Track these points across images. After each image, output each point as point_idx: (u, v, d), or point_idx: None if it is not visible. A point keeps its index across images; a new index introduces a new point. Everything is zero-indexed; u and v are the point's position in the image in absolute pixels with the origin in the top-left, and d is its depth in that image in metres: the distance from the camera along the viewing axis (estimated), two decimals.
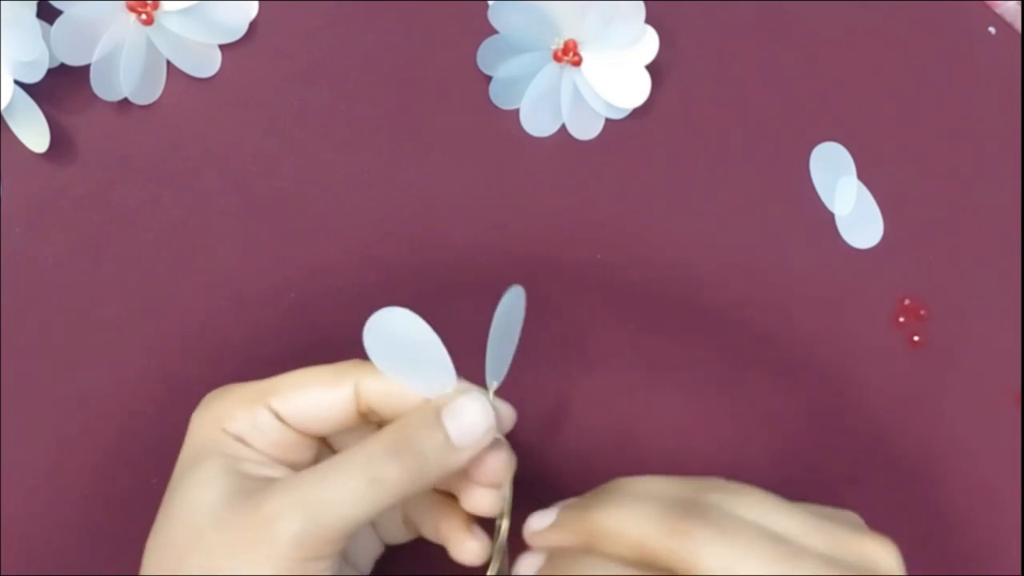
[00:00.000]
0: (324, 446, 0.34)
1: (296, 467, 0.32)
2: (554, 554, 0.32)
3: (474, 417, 0.31)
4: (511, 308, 0.32)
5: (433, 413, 0.31)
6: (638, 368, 0.40)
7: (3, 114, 0.35)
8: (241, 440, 0.31)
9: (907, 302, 0.41)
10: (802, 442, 0.40)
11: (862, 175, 0.41)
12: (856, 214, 0.41)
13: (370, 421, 0.33)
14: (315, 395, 0.32)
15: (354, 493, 0.29)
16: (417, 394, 0.31)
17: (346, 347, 0.38)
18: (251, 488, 0.30)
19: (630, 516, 0.29)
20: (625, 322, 0.40)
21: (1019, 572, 0.41)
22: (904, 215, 0.41)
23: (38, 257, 0.37)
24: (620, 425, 0.39)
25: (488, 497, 0.33)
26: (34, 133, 0.36)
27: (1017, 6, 0.42)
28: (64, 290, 0.37)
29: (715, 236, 0.40)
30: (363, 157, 0.39)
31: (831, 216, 0.41)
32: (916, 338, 0.41)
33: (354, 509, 0.29)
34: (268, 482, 0.30)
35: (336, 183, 0.39)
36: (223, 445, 0.31)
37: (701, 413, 0.40)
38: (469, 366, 0.32)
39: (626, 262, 0.40)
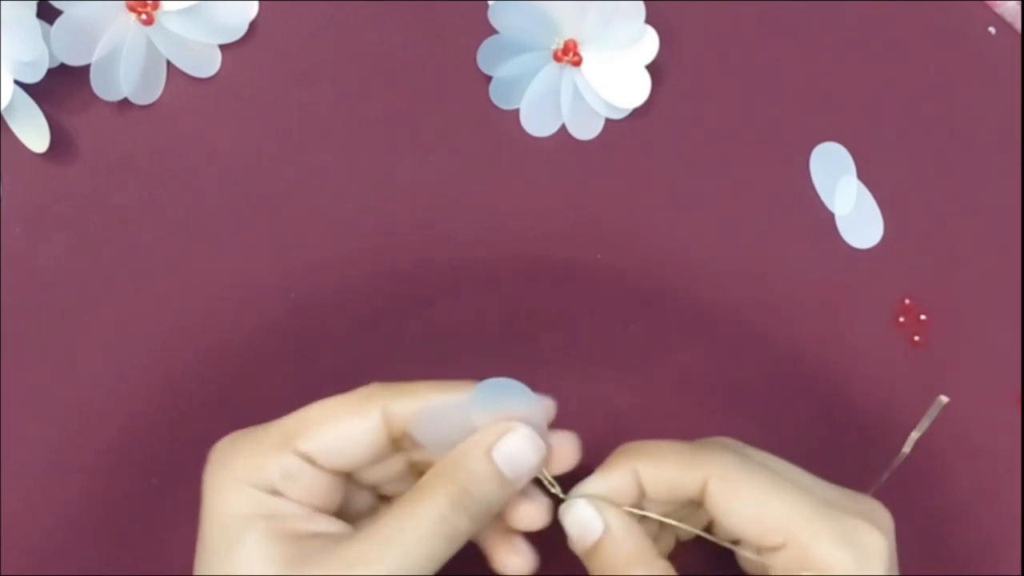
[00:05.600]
0: (351, 482, 0.31)
1: (330, 511, 0.29)
2: None
3: (526, 454, 0.30)
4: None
5: (485, 454, 0.29)
6: (638, 368, 0.40)
7: (3, 114, 0.35)
8: (276, 493, 0.28)
9: (907, 302, 0.41)
10: (802, 442, 0.40)
11: (862, 175, 0.41)
12: (856, 214, 0.41)
13: (402, 448, 0.31)
14: (344, 429, 0.29)
15: (430, 553, 0.27)
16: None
17: (346, 347, 0.39)
18: (308, 553, 0.27)
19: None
20: (625, 322, 0.40)
21: (1019, 572, 0.41)
22: (904, 215, 0.41)
23: (38, 257, 0.37)
24: (620, 425, 0.39)
25: (532, 512, 0.31)
26: (34, 133, 0.36)
27: (1017, 6, 0.42)
28: (64, 290, 0.37)
29: (715, 236, 0.40)
30: (363, 157, 0.39)
31: (831, 216, 0.41)
32: (916, 338, 0.41)
33: (429, 571, 0.27)
34: (325, 543, 0.27)
35: (336, 183, 0.39)
36: (259, 505, 0.28)
37: (701, 413, 0.40)
38: (470, 366, 0.32)
39: (626, 262, 0.40)
